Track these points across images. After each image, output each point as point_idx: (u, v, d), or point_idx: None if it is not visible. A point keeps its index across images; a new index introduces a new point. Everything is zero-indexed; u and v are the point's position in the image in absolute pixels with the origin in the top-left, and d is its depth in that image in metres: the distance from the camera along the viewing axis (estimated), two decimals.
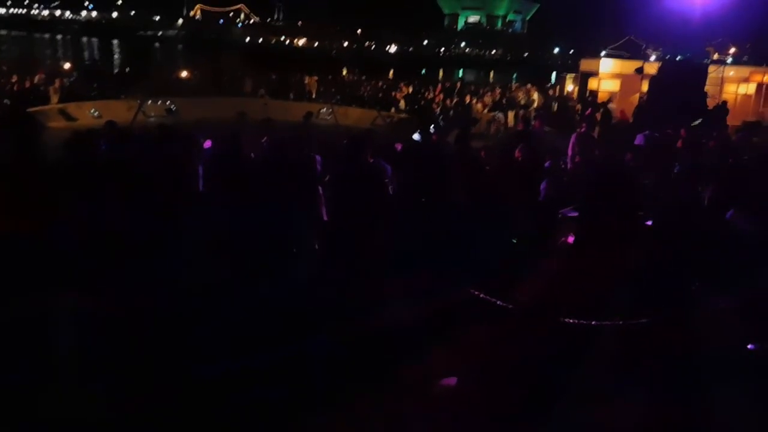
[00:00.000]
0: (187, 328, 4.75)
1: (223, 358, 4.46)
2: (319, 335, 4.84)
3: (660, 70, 18.44)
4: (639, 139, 11.53)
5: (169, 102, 21.13)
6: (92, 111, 18.94)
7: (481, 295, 5.31)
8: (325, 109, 22.17)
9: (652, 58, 20.37)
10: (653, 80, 18.33)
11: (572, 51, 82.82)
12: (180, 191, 5.98)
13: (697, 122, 14.07)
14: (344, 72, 31.18)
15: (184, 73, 28.21)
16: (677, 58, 18.74)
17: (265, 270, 5.63)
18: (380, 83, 29.39)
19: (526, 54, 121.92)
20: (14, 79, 20.53)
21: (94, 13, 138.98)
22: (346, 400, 4.09)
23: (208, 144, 7.76)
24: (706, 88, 18.04)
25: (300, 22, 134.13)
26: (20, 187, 4.53)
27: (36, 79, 20.91)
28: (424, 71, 61.23)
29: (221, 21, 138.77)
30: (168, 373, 4.25)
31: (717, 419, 4.31)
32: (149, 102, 20.12)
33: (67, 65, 29.73)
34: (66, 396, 3.87)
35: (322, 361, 4.60)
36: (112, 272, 4.93)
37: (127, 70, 31.21)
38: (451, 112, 23.45)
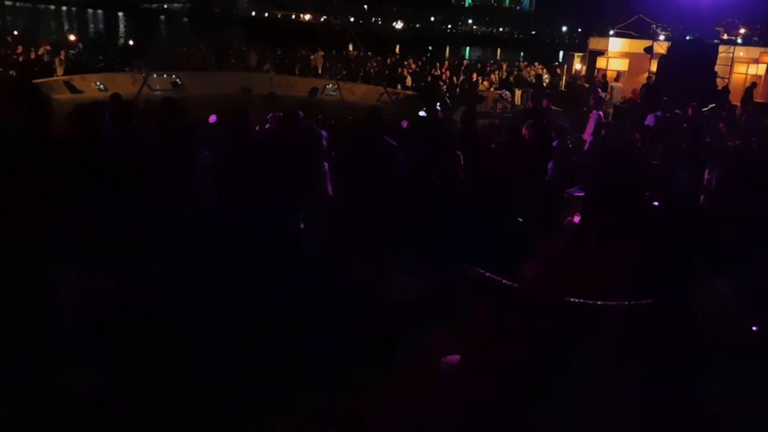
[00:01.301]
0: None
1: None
2: (321, 331, 4.80)
3: (669, 49, 18.25)
4: (650, 120, 11.46)
5: (174, 76, 21.03)
6: (97, 83, 18.86)
7: (487, 274, 5.31)
8: (330, 85, 22.04)
9: (661, 37, 20.10)
10: (662, 60, 18.16)
11: (580, 29, 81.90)
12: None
13: (708, 108, 13.95)
14: (350, 48, 30.83)
15: (189, 47, 28.05)
16: (687, 38, 18.54)
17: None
18: (388, 59, 29.13)
19: (533, 32, 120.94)
20: (19, 50, 20.44)
21: None
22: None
23: (213, 119, 7.70)
24: (716, 68, 17.88)
25: None
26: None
27: (40, 50, 20.79)
28: (431, 48, 60.71)
29: None
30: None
31: (719, 404, 4.31)
32: (154, 75, 20.02)
33: (72, 37, 29.55)
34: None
35: (323, 359, 4.56)
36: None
37: (131, 43, 30.96)
38: (458, 89, 23.32)
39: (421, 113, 13.84)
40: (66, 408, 3.76)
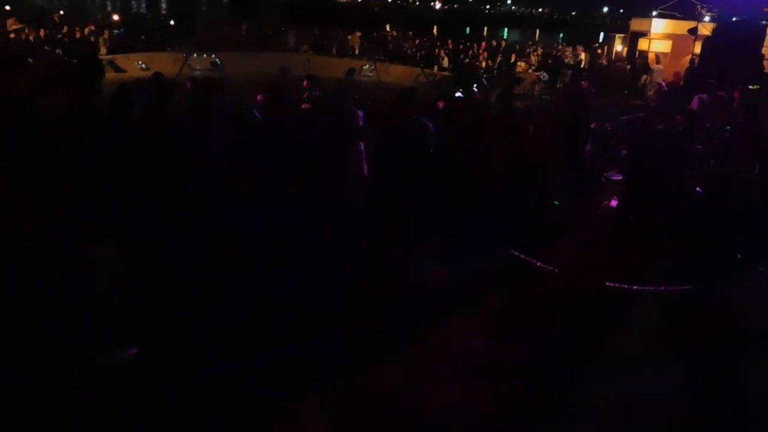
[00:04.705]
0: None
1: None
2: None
3: (714, 31, 17.77)
4: (694, 103, 11.22)
5: (213, 56, 21.23)
6: (139, 63, 19.15)
7: (522, 257, 5.31)
8: (367, 66, 22.00)
9: (706, 18, 19.53)
10: (707, 42, 17.68)
11: (622, 10, 79.88)
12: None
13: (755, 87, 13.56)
14: (388, 28, 30.64)
15: (228, 27, 28.19)
16: (733, 19, 17.98)
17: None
18: (424, 40, 28.86)
19: (573, 13, 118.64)
20: (65, 30, 20.79)
21: None
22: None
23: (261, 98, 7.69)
24: (764, 50, 17.36)
25: None
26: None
27: (86, 30, 21.13)
28: (468, 29, 59.95)
29: None
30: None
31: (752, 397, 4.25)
32: (194, 55, 20.22)
33: (115, 17, 29.92)
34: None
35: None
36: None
37: (171, 23, 31.19)
38: (495, 71, 23.05)
39: (458, 94, 13.76)
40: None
